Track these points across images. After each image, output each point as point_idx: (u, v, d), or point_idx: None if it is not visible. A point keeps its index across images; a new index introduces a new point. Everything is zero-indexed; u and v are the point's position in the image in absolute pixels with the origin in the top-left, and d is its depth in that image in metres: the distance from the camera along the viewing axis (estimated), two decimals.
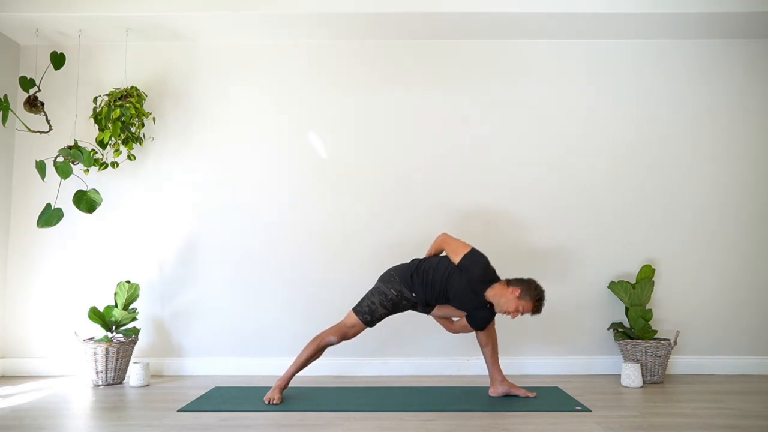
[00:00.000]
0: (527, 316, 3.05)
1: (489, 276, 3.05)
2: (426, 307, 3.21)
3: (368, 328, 3.18)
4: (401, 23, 3.75)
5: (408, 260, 3.35)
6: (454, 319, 3.30)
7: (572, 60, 3.99)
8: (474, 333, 3.25)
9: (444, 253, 3.22)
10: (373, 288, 3.20)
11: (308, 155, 3.95)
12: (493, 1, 3.59)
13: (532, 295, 2.98)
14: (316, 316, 3.80)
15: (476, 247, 3.11)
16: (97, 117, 3.70)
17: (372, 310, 3.13)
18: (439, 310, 3.24)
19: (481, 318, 3.12)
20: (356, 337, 3.22)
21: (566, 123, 3.95)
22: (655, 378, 3.58)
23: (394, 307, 3.16)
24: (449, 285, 3.07)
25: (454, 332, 3.31)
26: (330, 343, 3.15)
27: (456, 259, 3.05)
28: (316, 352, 3.14)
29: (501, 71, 3.99)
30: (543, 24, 3.77)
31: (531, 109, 3.96)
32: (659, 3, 3.59)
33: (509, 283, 3.03)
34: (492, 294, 3.02)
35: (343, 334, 3.14)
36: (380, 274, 3.24)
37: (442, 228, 3.85)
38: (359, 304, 3.17)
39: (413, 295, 3.13)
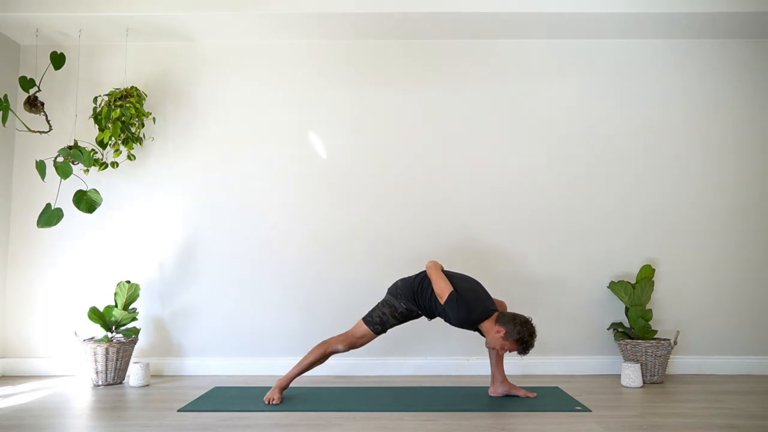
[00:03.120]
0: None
1: (474, 316, 2.99)
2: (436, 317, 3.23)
3: (377, 337, 3.20)
4: (401, 23, 3.75)
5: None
6: None
7: (572, 60, 3.99)
8: (467, 333, 3.26)
9: None
10: (383, 300, 3.21)
11: (308, 155, 3.95)
12: (493, 1, 3.59)
13: (515, 339, 2.93)
14: (317, 315, 3.80)
15: (467, 276, 3.15)
16: (97, 117, 3.70)
17: (383, 321, 3.14)
18: None
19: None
20: None
21: (566, 123, 3.95)
22: (655, 378, 3.58)
23: (405, 319, 3.19)
24: (447, 316, 3.09)
25: None
26: (337, 351, 3.16)
27: (441, 301, 3.03)
28: (321, 357, 3.15)
29: (501, 71, 3.99)
30: (543, 24, 3.77)
31: (531, 109, 3.96)
32: (658, 3, 3.59)
33: (498, 320, 2.99)
34: (482, 328, 3.04)
35: (352, 343, 3.15)
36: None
37: (441, 227, 3.86)
38: (369, 315, 3.17)
39: (420, 311, 3.17)
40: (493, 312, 3.03)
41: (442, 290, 3.02)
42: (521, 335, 2.93)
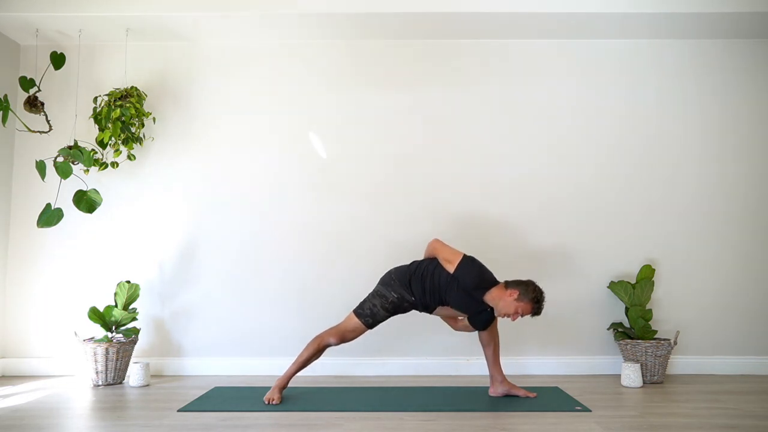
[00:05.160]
0: (528, 316, 3.05)
1: (485, 282, 3.03)
2: (426, 309, 3.21)
3: (368, 330, 3.18)
4: (402, 23, 3.75)
5: (406, 259, 3.35)
6: (459, 317, 3.31)
7: (572, 59, 3.99)
8: (476, 332, 3.26)
9: None
10: (373, 290, 3.20)
11: (308, 155, 3.95)
12: (493, 2, 3.60)
13: (531, 297, 2.96)
14: (316, 315, 3.79)
15: (468, 254, 3.11)
16: (97, 117, 3.70)
17: (374, 313, 3.13)
18: (441, 310, 3.24)
19: (482, 320, 3.13)
20: None
21: (566, 123, 3.95)
22: (655, 378, 3.58)
23: (396, 310, 3.16)
24: (447, 292, 3.08)
25: (458, 330, 3.32)
26: (329, 345, 3.15)
27: (450, 268, 3.03)
28: (315, 352, 3.14)
29: (500, 71, 3.99)
30: (543, 24, 3.77)
31: (531, 110, 3.96)
32: (658, 3, 3.59)
33: (507, 285, 3.03)
34: (490, 298, 3.02)
35: (343, 337, 3.14)
36: (381, 276, 3.25)
37: (440, 227, 3.86)
38: (360, 306, 3.17)
39: (413, 299, 3.14)
40: (497, 282, 3.07)
41: (453, 254, 3.05)
42: (535, 294, 2.97)
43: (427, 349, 3.83)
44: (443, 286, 3.08)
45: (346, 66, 3.99)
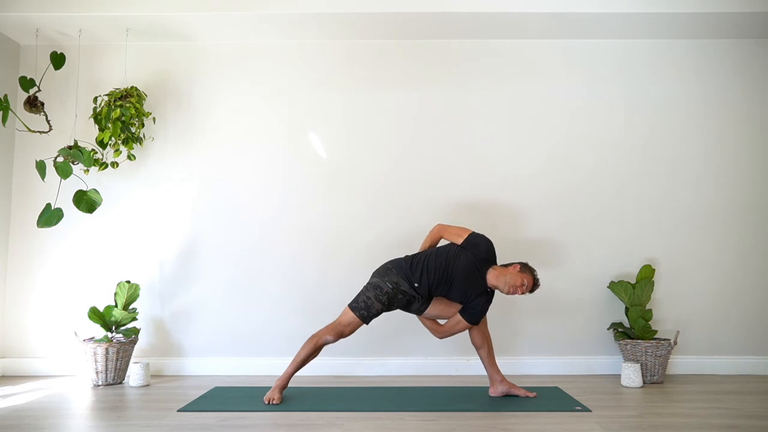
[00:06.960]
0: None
1: (492, 255, 3.17)
2: (425, 302, 3.20)
3: (364, 325, 3.17)
4: (402, 23, 3.75)
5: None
6: (441, 322, 3.30)
7: (572, 59, 3.99)
8: (467, 333, 3.26)
9: (440, 245, 3.30)
10: (367, 283, 3.19)
11: (307, 155, 3.95)
12: (493, 1, 3.60)
13: (531, 269, 3.16)
14: (317, 314, 3.79)
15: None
16: (97, 117, 3.70)
17: (368, 306, 3.12)
18: (432, 308, 3.22)
19: (476, 308, 3.13)
20: (355, 337, 3.23)
21: (566, 123, 3.95)
22: (655, 378, 3.58)
23: (390, 302, 3.14)
24: (455, 265, 3.11)
25: (442, 335, 3.26)
26: (327, 342, 3.14)
27: (460, 240, 3.16)
28: (313, 351, 3.14)
29: (500, 71, 3.99)
30: (542, 24, 3.77)
31: (530, 109, 3.96)
32: (658, 3, 3.59)
33: (505, 265, 3.19)
34: (494, 275, 3.10)
35: (340, 332, 3.13)
36: (374, 270, 3.25)
37: None
38: (355, 300, 3.16)
39: (414, 285, 3.12)
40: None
41: (464, 230, 3.22)
42: (532, 268, 3.18)
43: (427, 349, 3.83)
44: (451, 258, 3.13)
45: (346, 66, 3.99)
